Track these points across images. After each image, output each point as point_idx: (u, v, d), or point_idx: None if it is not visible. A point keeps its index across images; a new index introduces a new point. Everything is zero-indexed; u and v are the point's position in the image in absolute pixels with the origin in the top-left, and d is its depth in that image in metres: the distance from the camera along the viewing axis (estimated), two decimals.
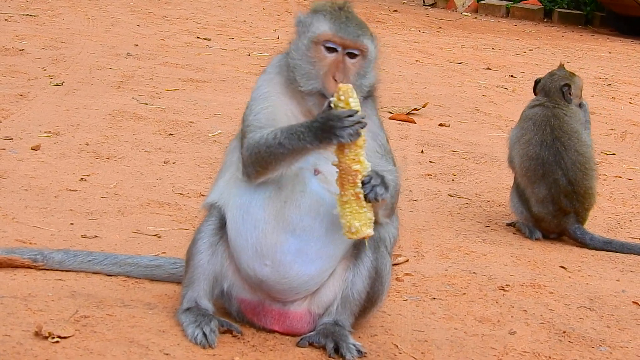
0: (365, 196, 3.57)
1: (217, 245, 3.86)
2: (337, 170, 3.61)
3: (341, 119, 3.51)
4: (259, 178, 3.73)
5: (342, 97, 3.55)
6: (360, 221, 3.60)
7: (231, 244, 3.84)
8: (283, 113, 3.78)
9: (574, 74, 6.20)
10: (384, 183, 3.60)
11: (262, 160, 3.66)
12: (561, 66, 6.26)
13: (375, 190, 3.57)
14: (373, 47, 3.80)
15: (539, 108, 6.00)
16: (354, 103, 3.56)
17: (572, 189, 5.79)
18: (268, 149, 3.64)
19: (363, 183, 3.57)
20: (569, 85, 6.04)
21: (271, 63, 3.92)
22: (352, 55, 3.73)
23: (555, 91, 6.04)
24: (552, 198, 5.79)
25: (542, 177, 5.81)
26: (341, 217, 3.61)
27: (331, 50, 3.71)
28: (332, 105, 3.57)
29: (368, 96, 3.85)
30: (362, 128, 3.54)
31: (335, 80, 3.67)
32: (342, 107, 3.54)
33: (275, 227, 3.71)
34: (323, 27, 3.72)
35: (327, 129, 3.53)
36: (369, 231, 3.62)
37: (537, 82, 6.23)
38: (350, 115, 3.52)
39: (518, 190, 5.95)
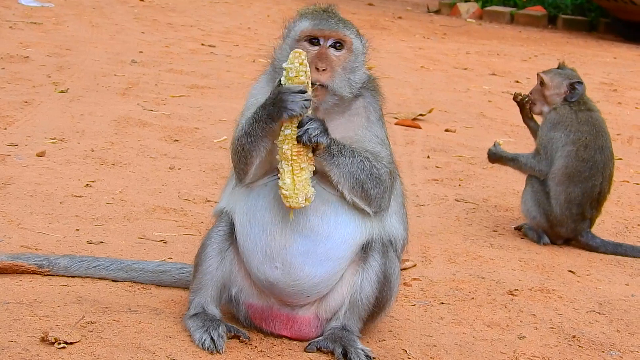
0: (299, 137, 3.54)
1: (227, 251, 3.85)
2: (285, 143, 3.57)
3: (292, 93, 3.54)
4: (245, 177, 3.76)
5: (303, 60, 3.55)
6: (311, 185, 3.61)
7: (241, 249, 3.83)
8: None
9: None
10: (323, 128, 3.57)
11: (239, 156, 3.72)
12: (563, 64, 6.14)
13: (309, 133, 3.53)
14: (358, 41, 3.82)
15: (592, 113, 5.83)
16: (307, 67, 3.57)
17: (599, 197, 5.80)
18: (240, 143, 3.70)
19: (300, 125, 3.55)
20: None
21: (264, 72, 3.94)
22: (336, 48, 3.75)
23: (584, 91, 5.90)
24: (580, 202, 5.74)
25: (584, 180, 5.72)
26: (294, 188, 3.57)
27: (314, 43, 3.74)
28: (281, 82, 3.58)
29: (363, 91, 3.82)
30: (310, 103, 3.56)
31: (317, 69, 3.67)
32: (303, 71, 3.54)
33: (282, 229, 3.69)
34: (304, 25, 3.76)
35: (278, 104, 3.56)
36: (314, 189, 3.63)
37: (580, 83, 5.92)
38: (299, 91, 3.53)
39: (536, 193, 5.84)
